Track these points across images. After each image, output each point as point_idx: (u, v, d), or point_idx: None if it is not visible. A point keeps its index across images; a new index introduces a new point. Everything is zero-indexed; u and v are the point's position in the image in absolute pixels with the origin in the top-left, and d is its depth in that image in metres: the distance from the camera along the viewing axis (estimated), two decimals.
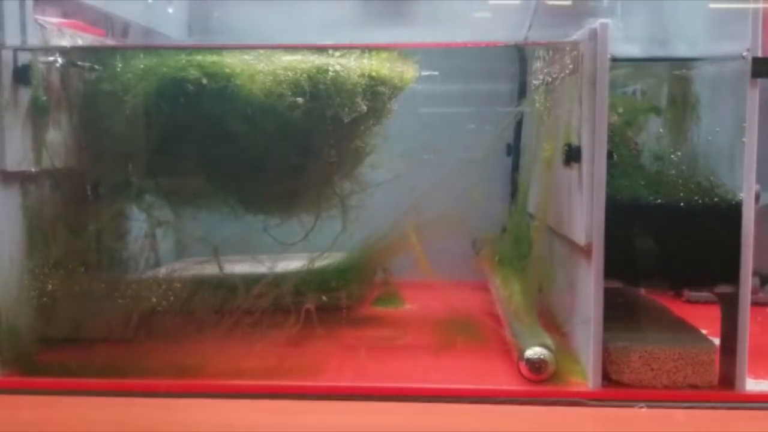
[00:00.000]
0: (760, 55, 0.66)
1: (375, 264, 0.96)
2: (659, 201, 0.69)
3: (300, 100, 0.81)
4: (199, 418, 0.63)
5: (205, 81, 0.79)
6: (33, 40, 0.77)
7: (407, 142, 0.93)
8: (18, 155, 0.75)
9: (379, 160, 0.91)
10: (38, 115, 0.78)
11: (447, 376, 0.74)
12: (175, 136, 0.81)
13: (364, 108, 0.85)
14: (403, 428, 0.61)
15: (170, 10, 1.06)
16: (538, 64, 1.00)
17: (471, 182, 0.87)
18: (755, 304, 0.70)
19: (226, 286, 0.84)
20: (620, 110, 0.80)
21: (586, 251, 0.70)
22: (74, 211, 0.80)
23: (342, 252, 0.93)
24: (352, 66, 0.84)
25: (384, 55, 0.88)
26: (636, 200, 0.70)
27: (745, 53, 0.66)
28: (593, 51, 0.68)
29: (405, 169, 0.88)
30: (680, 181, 0.73)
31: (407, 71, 0.91)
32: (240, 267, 0.88)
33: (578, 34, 0.74)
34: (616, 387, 0.69)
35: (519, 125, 1.10)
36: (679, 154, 0.79)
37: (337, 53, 0.84)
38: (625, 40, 0.71)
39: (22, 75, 0.75)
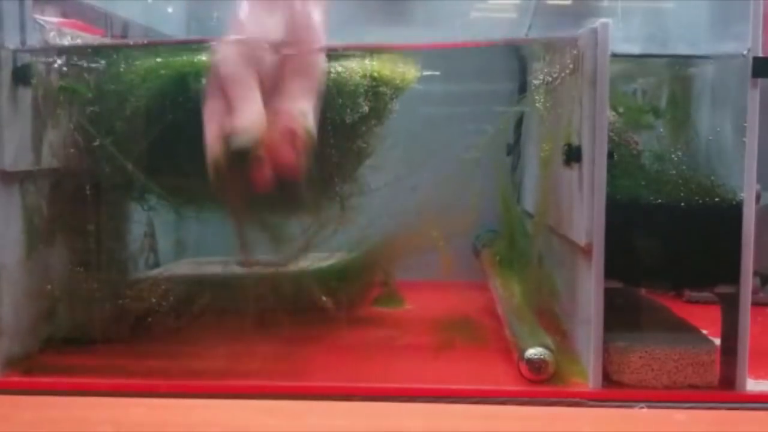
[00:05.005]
0: (760, 54, 0.66)
1: (376, 265, 0.96)
2: (659, 201, 0.69)
3: None
4: (199, 418, 0.63)
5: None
6: (32, 40, 0.76)
7: (407, 142, 0.92)
8: (18, 155, 0.75)
9: (379, 160, 0.91)
10: (38, 114, 0.77)
11: (447, 376, 0.74)
12: (176, 135, 0.81)
13: (366, 109, 0.85)
14: (402, 428, 0.61)
15: (170, 10, 1.06)
16: (538, 64, 1.00)
17: (471, 182, 0.87)
18: (755, 304, 0.70)
19: (226, 286, 0.84)
20: (620, 110, 0.80)
21: (586, 251, 0.70)
22: (74, 211, 0.80)
23: (342, 252, 0.93)
24: (353, 67, 0.84)
25: (386, 56, 0.88)
26: (636, 200, 0.70)
27: (745, 53, 0.67)
28: (593, 50, 0.68)
29: (405, 170, 0.88)
30: (680, 180, 0.73)
31: (408, 72, 0.91)
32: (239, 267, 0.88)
33: (578, 34, 0.74)
34: (616, 387, 0.69)
35: (519, 125, 1.10)
36: (679, 153, 0.79)
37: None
38: (625, 40, 0.71)
39: (21, 75, 0.75)
